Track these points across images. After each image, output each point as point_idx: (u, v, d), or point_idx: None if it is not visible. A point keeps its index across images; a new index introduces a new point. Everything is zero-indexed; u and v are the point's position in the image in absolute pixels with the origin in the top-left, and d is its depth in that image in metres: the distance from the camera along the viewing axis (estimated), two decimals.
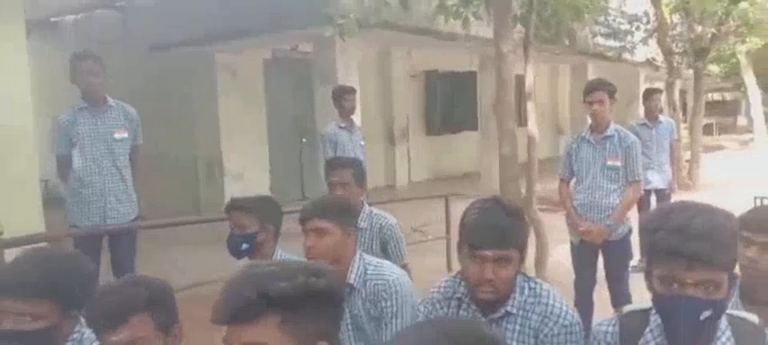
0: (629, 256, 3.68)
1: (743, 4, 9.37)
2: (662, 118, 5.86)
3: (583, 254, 3.59)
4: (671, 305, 1.30)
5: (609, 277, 3.60)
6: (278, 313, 1.03)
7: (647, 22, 10.31)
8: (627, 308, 1.52)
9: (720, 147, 17.11)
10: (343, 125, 4.91)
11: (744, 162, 12.90)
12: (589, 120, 3.75)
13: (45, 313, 1.50)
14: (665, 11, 9.45)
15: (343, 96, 4.92)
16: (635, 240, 3.06)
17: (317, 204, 2.06)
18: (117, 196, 3.36)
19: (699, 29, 9.25)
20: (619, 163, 3.53)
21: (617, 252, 3.56)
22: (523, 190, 5.22)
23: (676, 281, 1.27)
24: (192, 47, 7.41)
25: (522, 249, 1.66)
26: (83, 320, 1.59)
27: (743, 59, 14.60)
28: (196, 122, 7.92)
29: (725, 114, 23.28)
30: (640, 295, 1.72)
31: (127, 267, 3.35)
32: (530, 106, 5.26)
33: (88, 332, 1.61)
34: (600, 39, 10.97)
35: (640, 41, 10.67)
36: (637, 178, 3.55)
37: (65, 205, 3.36)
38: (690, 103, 13.80)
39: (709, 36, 9.77)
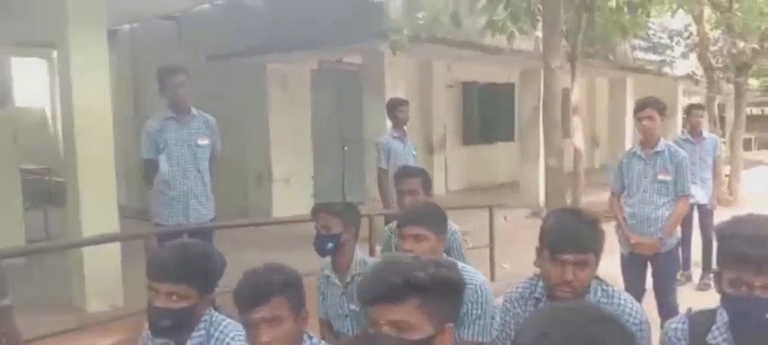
0: (677, 267, 3.83)
1: None
2: (705, 133, 5.94)
3: (632, 265, 3.75)
4: (740, 304, 1.49)
5: (656, 287, 3.76)
6: (418, 296, 1.26)
7: (688, 37, 10.34)
8: (695, 309, 1.71)
9: (760, 162, 16.86)
10: (396, 135, 5.15)
11: None
12: (638, 136, 3.93)
13: (187, 294, 1.76)
14: (707, 26, 9.48)
15: (396, 107, 5.17)
16: None
17: (415, 211, 2.29)
18: (198, 198, 3.67)
19: (741, 44, 9.26)
20: (669, 178, 3.69)
21: (665, 263, 3.72)
22: (569, 201, 5.39)
23: (745, 284, 1.46)
24: (245, 57, 7.76)
25: (597, 253, 1.86)
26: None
27: None
28: (247, 130, 8.25)
29: (765, 129, 22.85)
30: (684, 306, 1.89)
31: None
32: (576, 120, 5.44)
33: (216, 314, 1.88)
34: (639, 53, 11.03)
35: (681, 56, 10.68)
36: (686, 192, 3.71)
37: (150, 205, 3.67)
38: (728, 118, 13.73)
39: (751, 51, 9.76)
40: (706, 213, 5.58)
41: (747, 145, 18.44)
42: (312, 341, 1.73)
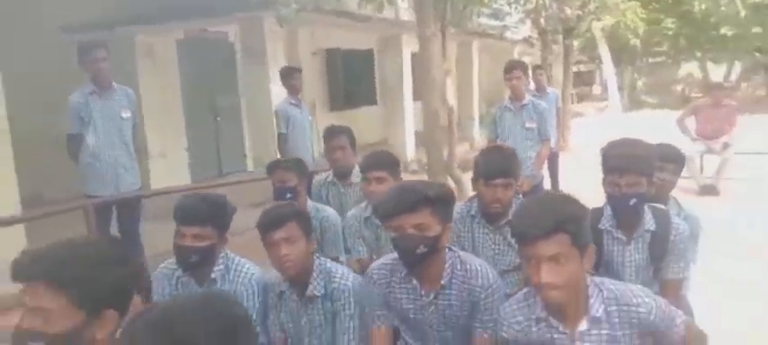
0: None
1: None
2: (549, 89, 7.14)
3: None
4: (614, 199, 2.27)
5: None
6: (430, 206, 1.84)
7: (524, 4, 11.81)
8: (594, 206, 2.47)
9: (580, 114, 19.59)
10: (293, 102, 5.56)
11: (602, 125, 15.11)
12: (508, 92, 4.82)
13: (209, 235, 2.15)
14: None
15: (292, 75, 5.57)
16: None
17: (376, 159, 2.82)
18: (126, 168, 3.85)
19: (568, 10, 10.86)
20: (534, 126, 4.62)
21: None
22: (445, 153, 6.24)
23: (616, 184, 2.24)
24: (108, 29, 7.51)
25: (516, 178, 2.56)
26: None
27: (598, 35, 16.88)
28: None
29: (582, 84, 26.31)
30: None
31: (134, 228, 3.85)
32: (449, 81, 6.26)
33: (231, 253, 2.29)
34: (483, 19, 12.35)
35: (519, 21, 12.17)
36: (547, 136, 4.67)
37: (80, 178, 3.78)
38: (555, 76, 15.83)
39: (575, 16, 11.46)
40: (553, 156, 6.77)
41: (571, 99, 21.29)
42: (320, 261, 2.22)
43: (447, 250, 1.99)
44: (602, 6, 12.35)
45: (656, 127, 7.94)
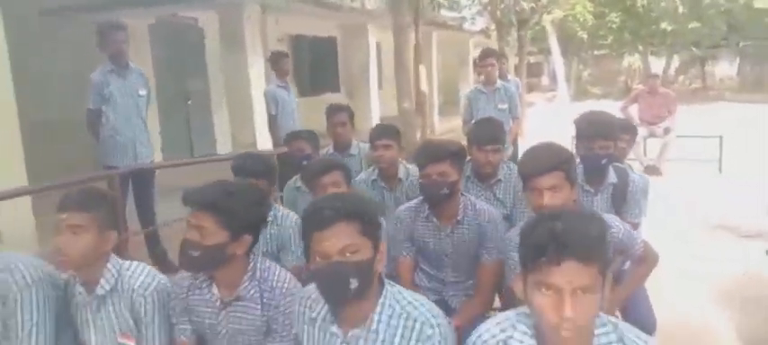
0: None
1: None
2: (510, 77, 7.79)
3: None
4: (587, 159, 2.87)
5: None
6: (451, 158, 2.39)
7: None
8: None
9: (531, 103, 20.61)
10: (281, 84, 5.98)
11: (551, 114, 16.07)
12: (482, 78, 5.42)
13: (266, 188, 2.63)
14: None
15: (280, 60, 5.99)
16: None
17: (383, 129, 3.31)
18: (142, 143, 4.22)
19: (523, 3, 11.60)
20: (505, 106, 5.24)
21: None
22: (418, 135, 6.80)
23: (588, 148, 2.83)
24: (85, 13, 7.68)
25: (503, 144, 3.12)
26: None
27: (549, 27, 17.85)
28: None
29: (532, 75, 27.46)
30: None
31: (149, 197, 4.24)
32: (422, 68, 6.81)
33: (281, 208, 2.75)
34: (443, 11, 12.97)
35: (477, 13, 12.85)
36: (518, 115, 5.30)
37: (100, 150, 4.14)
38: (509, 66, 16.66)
39: (530, 9, 12.23)
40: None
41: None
42: None
43: (461, 194, 2.54)
44: (554, 0, 13.21)
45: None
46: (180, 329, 1.94)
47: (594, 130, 2.81)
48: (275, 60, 5.99)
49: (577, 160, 2.98)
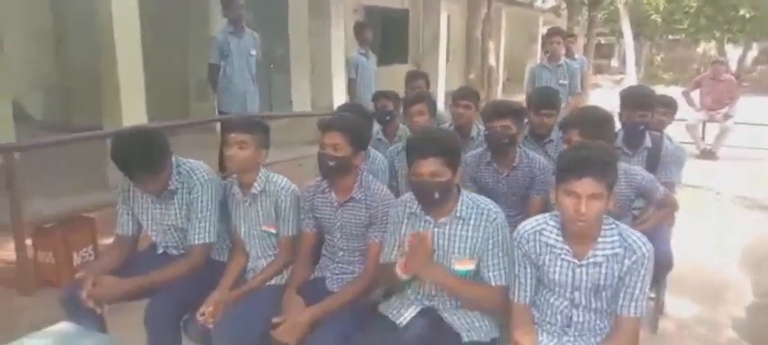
0: None
1: None
2: (577, 56, 8.23)
3: None
4: (628, 125, 3.46)
5: None
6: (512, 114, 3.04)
7: None
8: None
9: (597, 85, 20.63)
10: (362, 52, 6.73)
11: (616, 96, 16.15)
12: (547, 54, 5.97)
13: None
14: None
15: (363, 30, 6.75)
16: None
17: (416, 96, 3.95)
18: (251, 93, 5.08)
19: None
20: (566, 82, 5.79)
21: None
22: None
23: (629, 116, 3.42)
24: None
25: (557, 109, 3.72)
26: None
27: (621, 9, 17.80)
28: (189, 42, 9.16)
29: (601, 57, 27.21)
30: None
31: None
32: (491, 44, 7.38)
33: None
34: None
35: None
36: (578, 90, 5.84)
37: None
38: (578, 46, 16.82)
39: None
40: None
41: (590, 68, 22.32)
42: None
43: (518, 146, 3.19)
44: None
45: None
46: (306, 222, 2.70)
47: (634, 101, 3.40)
48: (358, 30, 6.73)
49: (619, 126, 3.59)
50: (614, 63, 28.00)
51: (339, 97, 8.51)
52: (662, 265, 3.18)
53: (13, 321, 3.32)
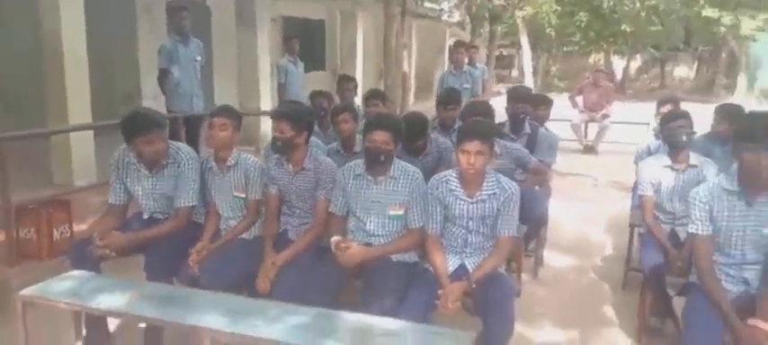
0: None
1: None
2: (478, 65, 9.46)
3: None
4: (513, 116, 4.53)
5: None
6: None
7: None
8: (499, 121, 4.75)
9: (500, 92, 22.40)
10: (291, 59, 7.54)
11: None
12: (452, 63, 7.06)
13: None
14: None
15: (291, 40, 7.55)
16: None
17: (375, 92, 4.89)
18: (197, 95, 5.76)
19: (495, 1, 13.29)
20: (469, 86, 6.91)
21: None
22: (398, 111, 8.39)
23: (516, 109, 4.49)
24: None
25: (460, 105, 4.74)
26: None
27: (520, 23, 19.60)
28: (113, 53, 9.54)
29: (503, 67, 29.31)
30: None
31: (197, 136, 5.78)
32: (405, 53, 8.40)
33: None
34: (425, 3, 14.59)
35: (453, 6, 14.49)
36: (478, 94, 6.97)
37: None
38: (481, 56, 18.40)
39: (501, 7, 13.92)
40: None
41: (492, 78, 24.17)
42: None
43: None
44: None
45: (561, 105, 10.44)
46: (270, 188, 3.50)
47: (515, 96, 4.50)
48: (287, 40, 7.56)
49: (506, 117, 4.67)
50: (515, 73, 30.21)
51: (266, 101, 9.25)
52: (538, 221, 4.28)
53: (6, 286, 3.88)
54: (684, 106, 4.63)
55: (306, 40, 14.95)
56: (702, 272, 2.70)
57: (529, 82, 21.23)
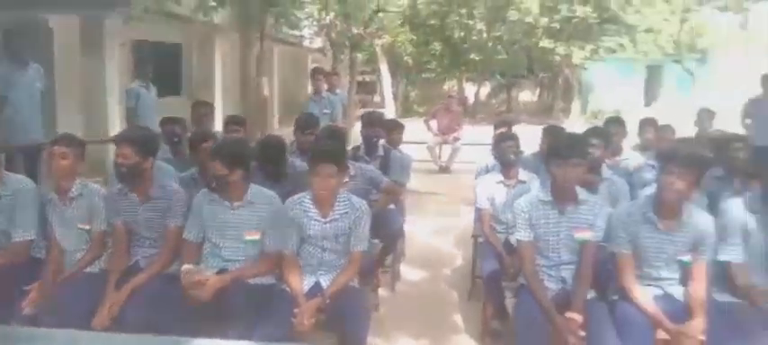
0: None
1: (380, 14, 14.40)
2: (338, 90, 9.72)
3: None
4: (367, 139, 4.79)
5: None
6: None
7: (319, 20, 14.45)
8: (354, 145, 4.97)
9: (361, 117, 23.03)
10: (142, 84, 7.28)
11: None
12: (312, 89, 7.24)
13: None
14: (332, 14, 13.69)
15: (144, 64, 7.30)
16: None
17: (235, 117, 4.90)
18: (36, 122, 5.38)
19: (354, 30, 13.73)
20: (328, 112, 7.12)
21: None
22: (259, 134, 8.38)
23: (370, 133, 4.76)
24: None
25: (318, 128, 4.92)
26: None
27: (378, 51, 20.35)
28: None
29: (366, 92, 30.10)
30: None
31: (36, 167, 5.40)
32: (264, 79, 8.44)
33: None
34: (285, 29, 14.68)
35: (314, 33, 14.76)
36: (337, 119, 7.22)
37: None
38: (343, 83, 18.83)
39: (358, 35, 14.40)
40: None
41: (355, 104, 24.79)
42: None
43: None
44: (381, 27, 15.55)
45: (419, 129, 11.01)
46: (115, 219, 3.37)
47: (368, 121, 4.76)
48: (139, 65, 7.30)
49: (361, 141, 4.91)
50: (377, 98, 31.19)
51: (115, 128, 8.79)
52: (393, 237, 4.54)
53: None
54: (527, 128, 5.18)
55: (161, 65, 14.50)
56: (526, 274, 3.08)
57: (390, 107, 22.05)
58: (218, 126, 6.61)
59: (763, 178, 3.01)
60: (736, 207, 2.98)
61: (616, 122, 5.10)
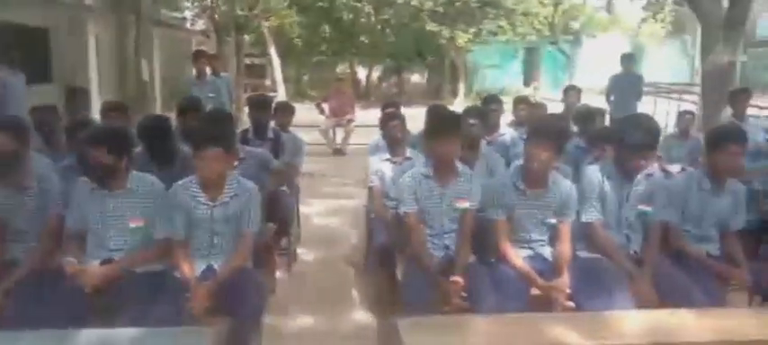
0: None
1: None
2: (223, 74, 9.52)
3: None
4: (257, 124, 4.79)
5: None
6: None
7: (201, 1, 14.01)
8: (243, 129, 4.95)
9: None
10: (10, 70, 6.76)
11: None
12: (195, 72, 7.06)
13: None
14: None
15: (10, 50, 6.77)
16: None
17: (115, 103, 4.71)
18: None
19: (238, 11, 13.46)
20: (214, 96, 6.97)
21: None
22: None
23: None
24: None
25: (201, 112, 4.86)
26: None
27: (266, 33, 20.02)
28: None
29: (256, 76, 29.47)
30: None
31: None
32: (144, 63, 8.10)
33: None
34: (165, 11, 14.10)
35: (195, 16, 14.28)
36: (223, 103, 7.08)
37: None
38: (231, 67, 18.37)
39: (244, 18, 14.13)
40: None
41: (244, 88, 24.19)
42: None
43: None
44: (267, 9, 15.34)
45: (312, 113, 11.02)
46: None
47: (255, 104, 4.79)
48: (5, 51, 6.75)
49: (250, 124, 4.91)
50: (268, 82, 30.67)
51: None
52: (286, 219, 4.60)
53: None
54: (417, 110, 5.40)
55: (27, 50, 13.40)
56: (414, 243, 3.28)
57: (281, 91, 21.80)
58: (95, 113, 6.30)
59: (615, 146, 3.41)
60: (594, 173, 3.36)
61: (494, 100, 5.46)
